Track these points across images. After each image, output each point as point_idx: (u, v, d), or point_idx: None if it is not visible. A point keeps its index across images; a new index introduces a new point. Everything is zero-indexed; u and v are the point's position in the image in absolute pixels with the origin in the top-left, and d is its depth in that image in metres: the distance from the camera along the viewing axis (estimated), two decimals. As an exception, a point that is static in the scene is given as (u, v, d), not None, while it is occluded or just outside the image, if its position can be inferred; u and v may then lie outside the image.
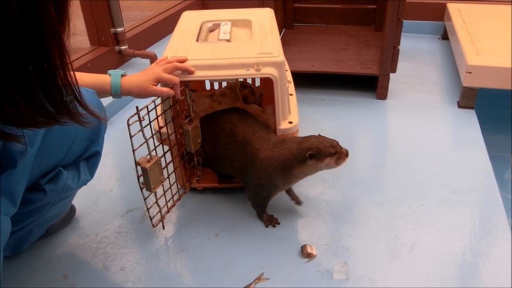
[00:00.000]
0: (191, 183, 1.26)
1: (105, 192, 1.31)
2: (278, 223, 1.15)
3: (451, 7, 2.38)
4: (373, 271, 1.02)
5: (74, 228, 1.17)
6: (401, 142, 1.54)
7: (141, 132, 0.97)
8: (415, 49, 2.36)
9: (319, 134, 1.08)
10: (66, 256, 1.08)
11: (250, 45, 1.20)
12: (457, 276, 1.00)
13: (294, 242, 1.10)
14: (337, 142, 1.05)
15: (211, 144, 1.20)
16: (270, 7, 1.56)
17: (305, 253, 1.05)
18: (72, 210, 1.20)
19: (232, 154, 1.13)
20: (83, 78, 1.01)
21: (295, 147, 1.04)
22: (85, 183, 0.96)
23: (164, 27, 2.51)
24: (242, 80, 1.54)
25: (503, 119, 1.87)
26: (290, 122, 1.20)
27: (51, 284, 1.01)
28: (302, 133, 1.24)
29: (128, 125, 0.94)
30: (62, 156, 0.89)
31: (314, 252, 1.06)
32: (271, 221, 1.15)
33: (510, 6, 2.37)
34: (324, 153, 1.01)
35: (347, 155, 1.04)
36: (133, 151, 0.98)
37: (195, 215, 1.21)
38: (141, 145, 0.98)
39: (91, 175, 0.98)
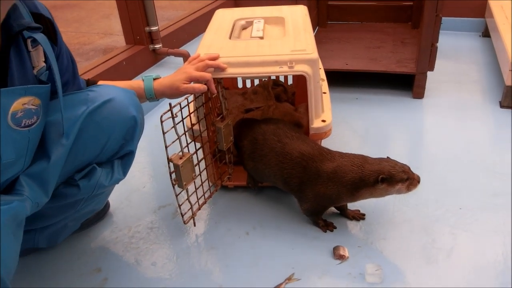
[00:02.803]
0: (223, 181, 1.26)
1: (138, 188, 1.33)
2: (335, 227, 1.12)
3: (493, 4, 2.28)
4: (408, 275, 0.98)
5: (108, 222, 1.19)
6: (439, 143, 1.49)
7: (173, 128, 0.98)
8: (454, 47, 2.28)
9: (387, 157, 1.05)
10: (100, 250, 1.10)
11: (283, 42, 1.19)
12: (498, 283, 0.95)
13: (325, 242, 1.08)
14: (409, 168, 1.01)
15: (254, 161, 1.17)
16: (304, 5, 1.54)
17: (337, 255, 1.03)
18: (106, 205, 1.22)
19: (288, 173, 1.10)
20: (119, 85, 1.02)
21: (368, 167, 1.01)
22: (117, 181, 0.98)
23: (197, 26, 2.53)
24: (274, 78, 1.53)
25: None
26: (323, 121, 1.17)
27: (84, 276, 1.03)
28: (335, 132, 1.22)
29: (161, 122, 0.95)
30: (97, 153, 0.91)
31: (347, 254, 1.03)
32: (328, 226, 1.12)
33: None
34: (396, 178, 0.99)
35: (418, 181, 1.00)
36: (166, 147, 0.98)
37: (226, 213, 1.21)
38: (173, 141, 0.99)
39: (124, 174, 0.99)
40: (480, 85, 1.87)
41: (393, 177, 0.99)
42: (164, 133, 0.96)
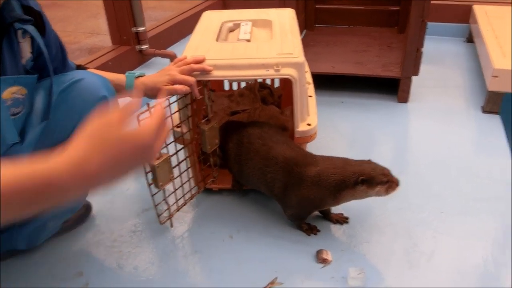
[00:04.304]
0: (206, 183, 1.25)
1: (121, 191, 1.32)
2: (319, 230, 1.13)
3: (477, 9, 2.32)
4: (390, 279, 0.99)
5: (90, 226, 1.18)
6: (423, 147, 1.50)
7: None
8: (439, 51, 2.31)
9: (369, 160, 1.06)
10: (81, 254, 1.09)
11: (270, 45, 1.19)
12: (479, 287, 0.97)
13: (309, 246, 1.08)
14: (389, 171, 1.02)
15: (239, 165, 1.17)
16: (291, 8, 1.55)
17: (320, 258, 1.03)
18: (88, 208, 1.21)
19: (272, 177, 1.10)
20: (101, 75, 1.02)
21: (349, 169, 1.02)
22: None
23: (185, 27, 2.52)
24: (261, 80, 1.53)
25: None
26: (309, 124, 1.18)
27: (65, 281, 1.01)
28: (320, 135, 1.22)
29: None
30: (68, 133, 0.90)
31: (330, 258, 1.04)
32: (311, 230, 1.12)
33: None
34: (376, 180, 1.00)
35: (397, 185, 1.01)
36: None
37: (210, 216, 1.20)
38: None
39: None
40: (464, 90, 1.89)
41: (373, 179, 1.00)
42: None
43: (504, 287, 0.97)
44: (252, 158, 1.13)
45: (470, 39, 2.41)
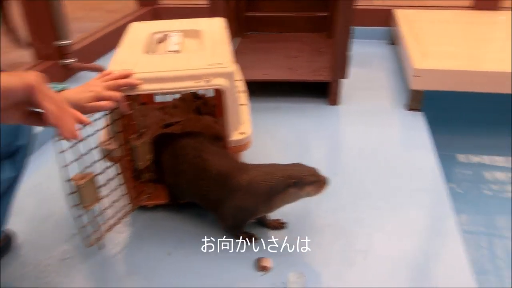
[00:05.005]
0: (140, 200, 1.21)
1: (48, 216, 1.23)
2: (258, 238, 1.12)
3: (398, 13, 2.46)
4: (330, 280, 1.01)
5: (14, 257, 1.09)
6: (353, 147, 1.56)
7: (75, 147, 0.93)
8: (366, 54, 2.41)
9: (299, 162, 1.07)
10: (5, 288, 1.01)
11: (200, 56, 1.18)
12: (410, 279, 1.01)
13: (248, 255, 1.08)
14: (316, 170, 1.04)
15: (174, 177, 1.15)
16: (222, 17, 1.55)
17: (260, 266, 1.03)
18: (11, 238, 1.12)
19: (206, 190, 1.09)
20: None
21: (279, 174, 1.03)
22: (10, 180, 0.90)
23: (114, 38, 2.43)
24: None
25: (449, 119, 1.96)
26: (242, 133, 1.18)
27: (-12, 319, 0.93)
28: (256, 142, 1.22)
29: (57, 141, 0.89)
30: None
31: (270, 265, 1.04)
32: (250, 237, 1.12)
33: (453, 11, 2.48)
34: (305, 181, 1.01)
35: (325, 183, 1.03)
36: (61, 168, 0.93)
37: (146, 234, 1.16)
38: (74, 160, 0.94)
39: (16, 170, 0.92)
40: (389, 90, 1.99)
41: (302, 181, 1.02)
42: (59, 152, 0.91)
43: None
44: (186, 170, 1.11)
45: (392, 42, 2.55)
